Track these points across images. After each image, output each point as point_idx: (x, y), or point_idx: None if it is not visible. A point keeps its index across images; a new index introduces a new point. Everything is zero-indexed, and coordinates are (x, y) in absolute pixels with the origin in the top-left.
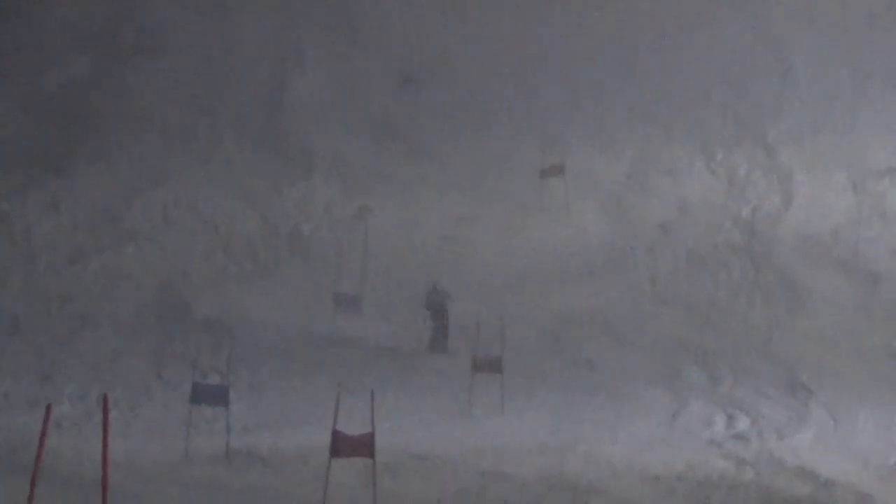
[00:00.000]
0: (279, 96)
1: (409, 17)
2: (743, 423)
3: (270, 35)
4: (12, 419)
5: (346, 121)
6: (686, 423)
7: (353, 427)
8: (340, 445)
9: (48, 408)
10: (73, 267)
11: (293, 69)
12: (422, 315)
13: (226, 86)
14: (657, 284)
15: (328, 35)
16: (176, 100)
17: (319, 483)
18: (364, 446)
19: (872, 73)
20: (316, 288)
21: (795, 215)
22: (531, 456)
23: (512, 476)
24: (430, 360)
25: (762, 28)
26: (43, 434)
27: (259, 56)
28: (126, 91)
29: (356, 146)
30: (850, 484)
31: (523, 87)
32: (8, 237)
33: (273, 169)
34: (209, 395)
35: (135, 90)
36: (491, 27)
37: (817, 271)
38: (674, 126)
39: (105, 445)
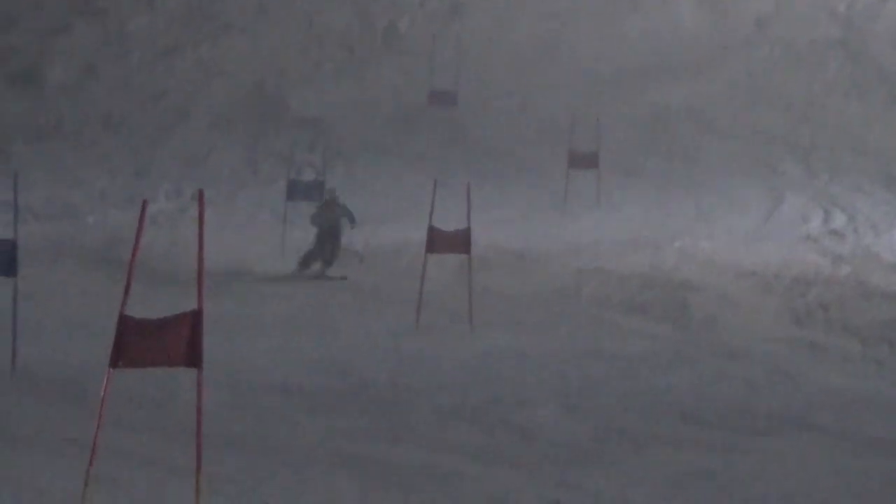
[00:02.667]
0: None
1: None
2: (839, 219)
3: None
4: (109, 215)
5: None
6: (782, 219)
7: (449, 222)
8: (436, 241)
9: (144, 204)
10: (167, 62)
11: None
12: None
13: None
14: (753, 80)
15: None
16: None
17: (415, 278)
18: (460, 242)
19: None
20: (411, 83)
21: (893, 9)
22: (627, 251)
23: (608, 272)
24: (525, 155)
25: None
26: (139, 229)
27: None
28: None
29: None
30: None
31: None
32: (103, 33)
33: None
34: (305, 192)
35: None
36: None
37: None
38: None
39: (201, 241)
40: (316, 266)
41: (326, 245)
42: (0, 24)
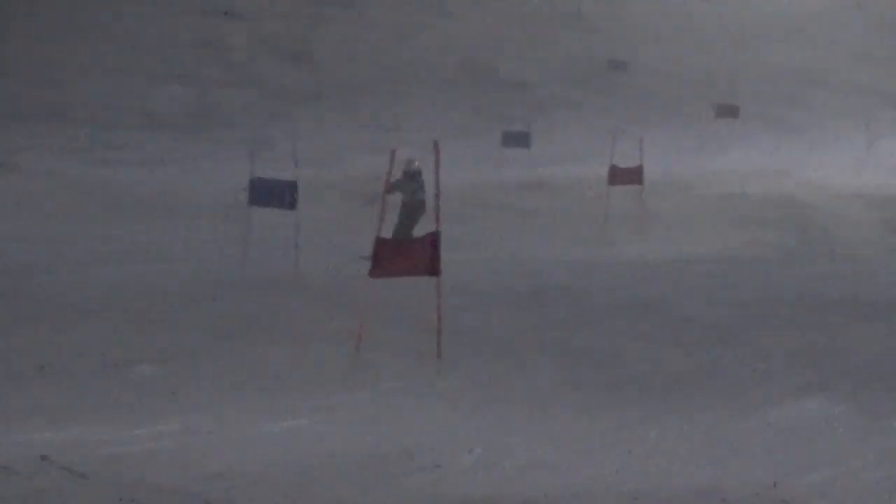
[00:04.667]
0: None
1: None
2: None
3: None
4: (362, 161)
5: None
6: (878, 154)
7: (625, 160)
8: (616, 175)
9: (392, 152)
10: (406, 41)
11: None
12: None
13: None
14: (851, 43)
15: None
16: None
17: (601, 204)
18: (636, 175)
19: None
20: (591, 54)
21: None
22: (757, 178)
23: (745, 195)
24: (680, 107)
25: None
26: (388, 172)
27: None
28: None
29: None
30: None
31: None
32: (357, 19)
33: None
34: (515, 139)
35: None
36: None
37: None
38: None
39: (437, 180)
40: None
41: (409, 221)
42: (277, 15)
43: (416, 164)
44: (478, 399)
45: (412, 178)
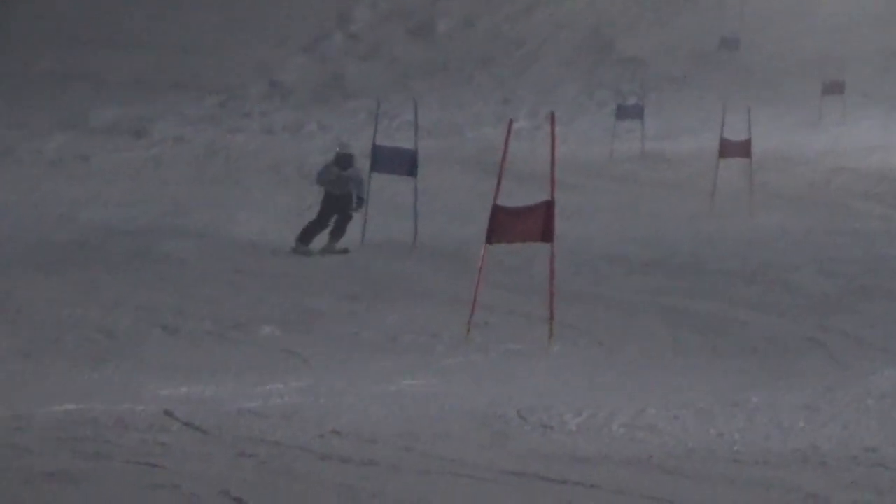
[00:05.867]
0: None
1: None
2: None
3: None
4: (482, 132)
5: None
6: None
7: (731, 135)
8: (726, 148)
9: (510, 123)
10: (525, 17)
11: None
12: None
13: None
14: None
15: None
16: None
17: (710, 176)
18: (743, 149)
19: None
20: (704, 32)
21: None
22: (865, 154)
23: (851, 170)
24: (788, 85)
25: None
26: (506, 142)
27: None
28: None
29: None
30: None
31: None
32: None
33: None
34: (629, 112)
35: None
36: None
37: None
38: None
39: (553, 150)
40: (320, 241)
41: (332, 216)
42: None
43: (351, 148)
44: (588, 361)
45: (345, 162)
